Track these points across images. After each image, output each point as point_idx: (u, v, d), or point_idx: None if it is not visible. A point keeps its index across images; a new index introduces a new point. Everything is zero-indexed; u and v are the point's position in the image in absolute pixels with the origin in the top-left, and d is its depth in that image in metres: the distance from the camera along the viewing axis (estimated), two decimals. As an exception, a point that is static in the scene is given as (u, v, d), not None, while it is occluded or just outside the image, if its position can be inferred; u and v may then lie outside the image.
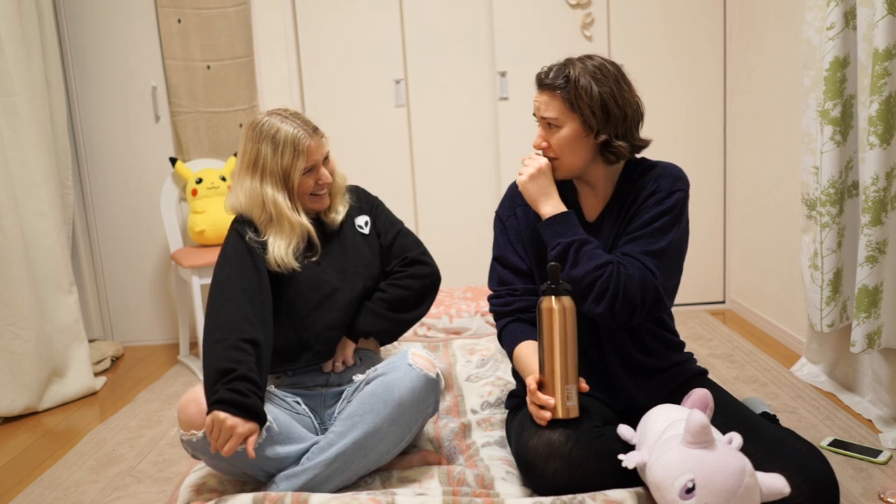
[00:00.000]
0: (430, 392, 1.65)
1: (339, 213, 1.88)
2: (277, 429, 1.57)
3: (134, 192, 3.43)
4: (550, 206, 1.60)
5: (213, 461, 1.59)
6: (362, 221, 1.92)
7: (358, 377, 1.77)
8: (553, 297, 1.48)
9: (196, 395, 1.56)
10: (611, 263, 1.53)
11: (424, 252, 1.94)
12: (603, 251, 1.57)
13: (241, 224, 1.77)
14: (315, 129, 1.76)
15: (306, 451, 1.62)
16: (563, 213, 1.59)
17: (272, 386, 1.77)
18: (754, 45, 3.12)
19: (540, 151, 1.66)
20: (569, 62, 1.61)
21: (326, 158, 1.80)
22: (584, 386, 1.51)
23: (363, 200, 1.96)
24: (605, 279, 1.51)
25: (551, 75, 1.61)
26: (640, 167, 1.68)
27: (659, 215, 1.58)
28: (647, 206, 1.61)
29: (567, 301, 1.48)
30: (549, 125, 1.62)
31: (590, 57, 1.61)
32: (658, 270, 1.54)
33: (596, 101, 1.56)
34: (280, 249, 1.73)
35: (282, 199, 1.73)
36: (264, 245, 1.74)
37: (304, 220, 1.77)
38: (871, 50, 1.99)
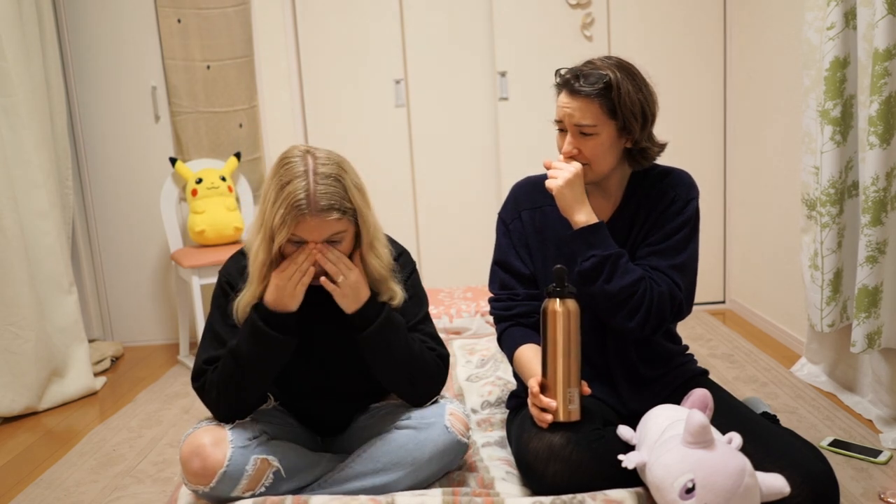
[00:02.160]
0: (459, 455, 1.60)
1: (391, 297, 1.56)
2: (284, 473, 1.53)
3: (134, 192, 3.43)
4: (584, 214, 1.55)
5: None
6: None
7: (374, 407, 1.71)
8: (558, 300, 1.47)
9: (197, 445, 1.48)
10: (644, 279, 1.53)
11: (441, 344, 1.66)
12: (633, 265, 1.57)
13: (227, 271, 1.61)
14: (328, 208, 1.42)
15: (317, 476, 1.59)
16: (597, 224, 1.55)
17: (270, 404, 1.71)
18: (754, 45, 3.12)
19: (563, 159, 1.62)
20: (595, 64, 1.55)
21: (334, 241, 1.48)
22: (587, 389, 1.51)
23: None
24: (640, 295, 1.52)
25: (583, 80, 1.52)
26: (651, 172, 1.68)
27: (680, 226, 1.60)
28: (667, 215, 1.61)
29: (571, 304, 1.47)
30: (580, 132, 1.55)
31: (608, 58, 1.57)
32: (682, 283, 1.58)
33: (637, 106, 1.52)
34: (240, 309, 1.53)
35: (260, 252, 1.48)
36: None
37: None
38: (871, 50, 1.99)
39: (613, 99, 1.51)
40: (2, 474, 2.26)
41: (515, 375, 1.84)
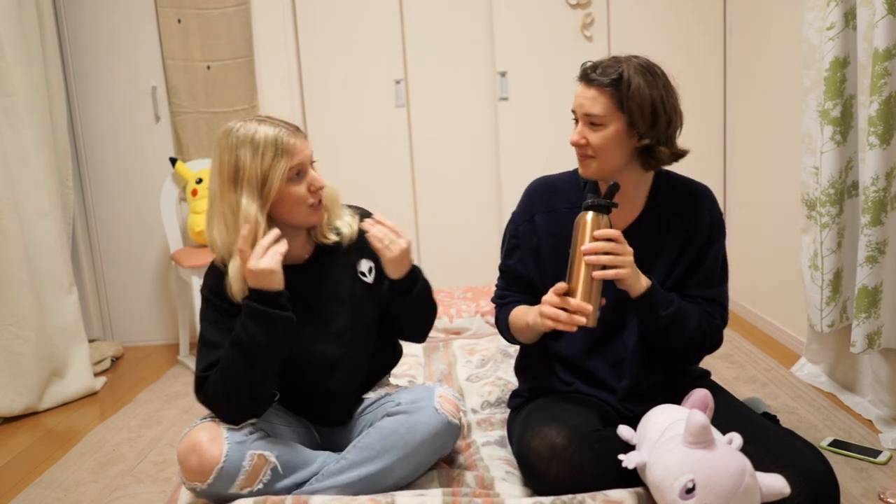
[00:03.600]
0: (451, 437, 1.61)
1: (339, 231, 1.65)
2: (281, 469, 1.53)
3: (134, 192, 3.43)
4: (643, 280, 1.56)
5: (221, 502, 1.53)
6: (366, 268, 1.69)
7: (369, 396, 1.73)
8: (592, 213, 1.48)
9: (193, 442, 1.48)
10: (702, 320, 1.62)
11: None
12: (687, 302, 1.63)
13: (208, 285, 1.61)
14: (297, 129, 1.56)
15: (314, 472, 1.59)
16: (652, 286, 1.56)
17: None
18: (754, 46, 3.12)
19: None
20: (618, 59, 1.56)
21: (313, 162, 1.59)
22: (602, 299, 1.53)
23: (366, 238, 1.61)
24: (702, 336, 1.62)
25: (600, 70, 1.54)
26: (671, 181, 1.69)
27: (721, 255, 1.67)
28: (709, 237, 1.65)
29: (605, 221, 1.48)
30: (590, 122, 1.55)
31: (636, 56, 1.58)
32: (726, 305, 1.69)
33: (647, 103, 1.52)
34: (235, 272, 1.52)
35: (254, 211, 1.50)
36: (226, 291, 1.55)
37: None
38: (871, 50, 1.99)
39: (622, 91, 1.51)
40: (2, 474, 2.26)
41: (517, 374, 1.84)
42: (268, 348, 1.50)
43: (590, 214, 1.48)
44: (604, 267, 1.47)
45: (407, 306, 1.65)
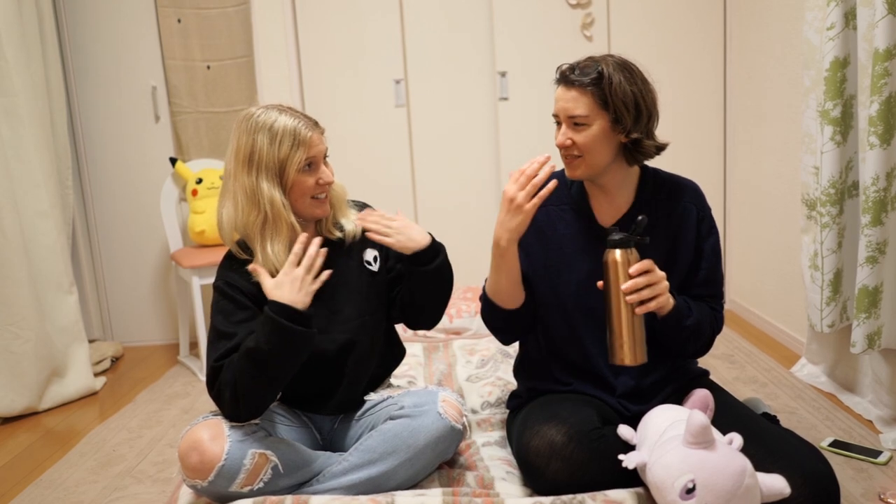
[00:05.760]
0: (454, 442, 1.61)
1: (342, 228, 1.70)
2: (282, 469, 1.52)
3: (134, 192, 3.43)
4: (670, 297, 1.57)
5: (221, 501, 1.53)
6: (371, 257, 1.72)
7: (371, 397, 1.73)
8: (620, 250, 1.47)
9: (195, 440, 1.48)
10: (711, 318, 1.66)
11: None
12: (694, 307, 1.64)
13: (223, 275, 1.62)
14: (315, 123, 1.60)
15: (315, 472, 1.59)
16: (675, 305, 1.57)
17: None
18: (754, 46, 3.12)
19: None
20: (595, 59, 1.58)
21: (325, 157, 1.63)
22: None
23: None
24: (713, 331, 1.67)
25: (578, 71, 1.56)
26: (657, 177, 1.69)
27: (716, 248, 1.68)
28: (700, 236, 1.67)
29: (634, 255, 1.48)
30: (574, 123, 1.57)
31: (611, 55, 1.60)
32: (723, 299, 1.73)
33: (629, 99, 1.54)
34: (279, 254, 1.55)
35: (278, 197, 1.54)
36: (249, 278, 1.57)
37: (297, 225, 1.58)
38: (872, 50, 1.99)
39: (604, 89, 1.53)
40: (2, 474, 2.26)
41: (515, 375, 1.84)
42: (286, 361, 1.49)
43: (618, 252, 1.46)
44: (642, 300, 1.47)
45: (425, 279, 1.66)
